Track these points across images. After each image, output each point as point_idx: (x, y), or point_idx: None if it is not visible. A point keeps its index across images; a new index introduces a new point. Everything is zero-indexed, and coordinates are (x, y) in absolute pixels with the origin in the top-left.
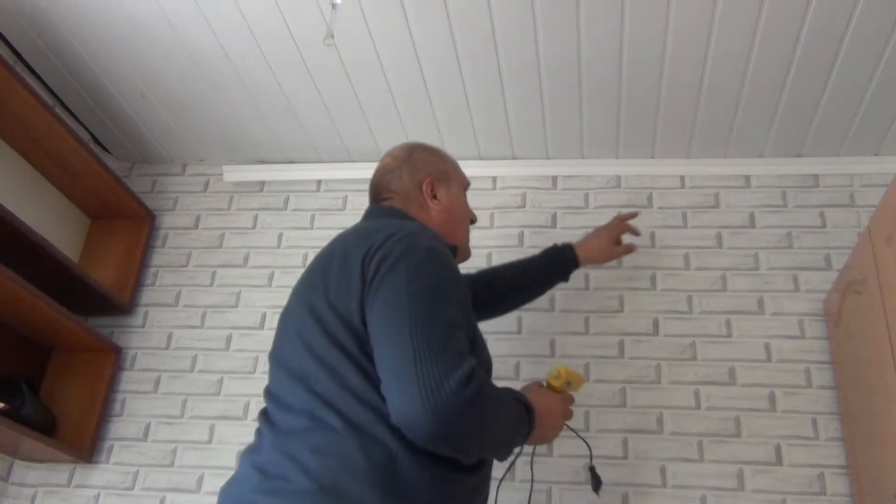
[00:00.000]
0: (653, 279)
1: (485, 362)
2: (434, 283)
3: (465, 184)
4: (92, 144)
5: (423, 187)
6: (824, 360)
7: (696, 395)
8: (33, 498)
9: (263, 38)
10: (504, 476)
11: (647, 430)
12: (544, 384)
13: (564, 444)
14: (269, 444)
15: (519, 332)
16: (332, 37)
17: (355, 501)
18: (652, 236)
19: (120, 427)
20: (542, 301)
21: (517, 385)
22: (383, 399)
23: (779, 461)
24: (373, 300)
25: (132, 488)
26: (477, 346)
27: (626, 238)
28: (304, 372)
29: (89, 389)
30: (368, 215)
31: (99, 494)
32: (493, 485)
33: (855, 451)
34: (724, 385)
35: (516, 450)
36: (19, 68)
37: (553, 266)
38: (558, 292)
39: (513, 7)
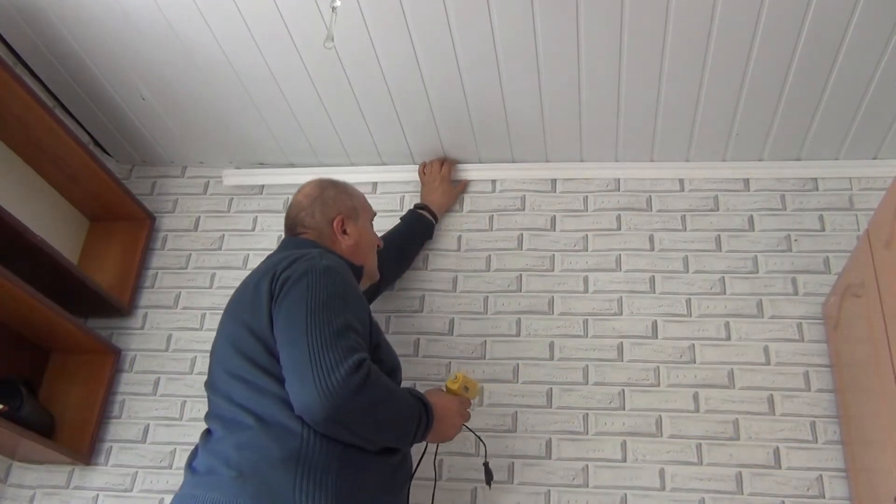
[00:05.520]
0: (652, 282)
1: (389, 366)
2: (330, 294)
3: (371, 214)
4: (91, 146)
5: (335, 225)
6: (823, 363)
7: (695, 398)
8: (32, 499)
9: (263, 41)
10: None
11: (646, 432)
12: (444, 389)
13: (562, 446)
14: (203, 449)
15: (518, 334)
16: (332, 39)
17: (272, 484)
18: (651, 239)
19: (119, 429)
20: (540, 304)
21: (515, 387)
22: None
23: (777, 464)
24: (277, 312)
25: (131, 490)
26: (380, 351)
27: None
28: (227, 389)
29: (88, 391)
30: (284, 246)
31: (98, 496)
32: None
33: (854, 454)
34: (722, 388)
35: (431, 447)
36: (19, 70)
37: (423, 234)
38: (557, 295)
39: (512, 11)
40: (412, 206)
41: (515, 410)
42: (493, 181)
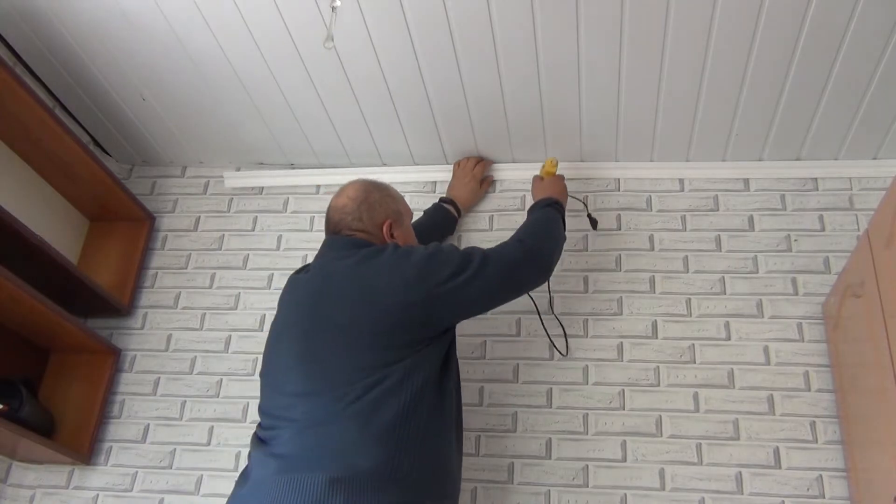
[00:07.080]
0: (652, 282)
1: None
2: (447, 250)
3: (410, 214)
4: (91, 146)
5: (384, 230)
6: (823, 363)
7: (695, 398)
8: (32, 499)
9: (263, 41)
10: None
11: (646, 433)
12: (540, 174)
13: (562, 446)
14: (278, 448)
15: (518, 334)
16: (332, 39)
17: (360, 494)
18: (651, 239)
19: (119, 429)
20: (542, 304)
21: (515, 387)
22: (388, 390)
23: (777, 464)
24: (437, 303)
25: (131, 490)
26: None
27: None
28: (305, 390)
29: (88, 391)
30: (340, 246)
31: (97, 496)
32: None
33: (854, 454)
34: (722, 388)
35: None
36: (19, 70)
37: (445, 229)
38: (557, 295)
39: (513, 11)
40: (438, 199)
41: (515, 410)
42: (494, 181)
